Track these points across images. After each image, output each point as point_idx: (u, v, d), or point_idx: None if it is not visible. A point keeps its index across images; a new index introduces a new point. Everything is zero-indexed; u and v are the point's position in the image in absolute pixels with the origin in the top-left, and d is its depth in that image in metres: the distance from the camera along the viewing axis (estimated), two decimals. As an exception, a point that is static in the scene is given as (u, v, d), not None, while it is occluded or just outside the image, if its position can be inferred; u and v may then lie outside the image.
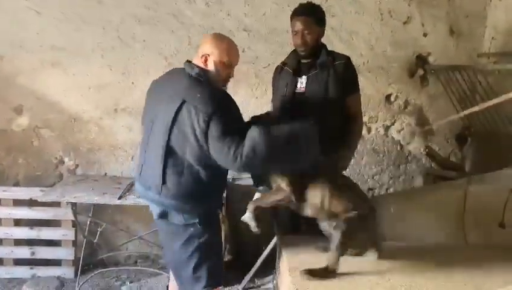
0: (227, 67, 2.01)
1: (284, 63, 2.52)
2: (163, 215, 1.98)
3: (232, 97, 1.98)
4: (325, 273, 1.82)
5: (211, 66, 1.97)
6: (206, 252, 1.99)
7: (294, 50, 2.48)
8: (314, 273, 1.81)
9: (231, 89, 3.25)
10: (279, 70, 2.55)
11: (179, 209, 1.93)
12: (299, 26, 2.34)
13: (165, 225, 2.02)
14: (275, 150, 1.81)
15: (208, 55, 1.96)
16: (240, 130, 1.82)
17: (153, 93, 2.06)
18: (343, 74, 2.36)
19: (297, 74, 2.44)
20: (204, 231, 1.97)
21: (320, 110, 2.34)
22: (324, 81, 2.35)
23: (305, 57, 2.41)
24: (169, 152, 1.87)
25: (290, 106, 2.42)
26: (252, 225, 2.04)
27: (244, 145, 1.77)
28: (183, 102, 1.83)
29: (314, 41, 2.37)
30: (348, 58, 2.44)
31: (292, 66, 2.44)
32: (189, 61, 2.01)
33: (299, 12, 2.36)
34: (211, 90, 1.89)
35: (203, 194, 1.94)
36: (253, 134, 1.79)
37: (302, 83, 2.42)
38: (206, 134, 1.79)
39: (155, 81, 2.10)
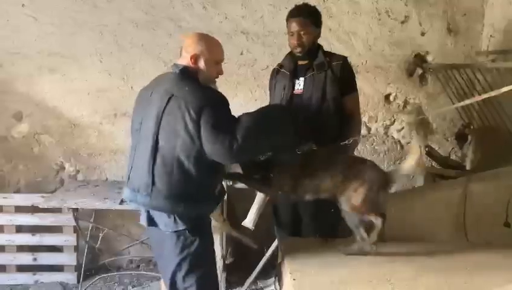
0: (217, 64, 2.00)
1: (280, 66, 2.52)
2: (152, 221, 1.91)
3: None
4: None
5: (201, 65, 1.93)
6: (197, 262, 1.92)
7: (290, 52, 2.49)
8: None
9: (231, 91, 3.34)
10: (275, 73, 2.56)
11: (170, 211, 1.85)
12: (295, 27, 2.34)
13: (155, 232, 1.96)
14: (263, 130, 1.87)
15: (198, 54, 1.92)
16: (231, 122, 1.83)
17: (140, 100, 2.01)
18: (341, 75, 2.37)
19: (294, 75, 2.44)
20: (195, 240, 1.89)
21: (318, 111, 2.36)
22: (322, 82, 2.35)
23: (301, 58, 2.42)
24: (158, 151, 1.82)
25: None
26: (252, 229, 2.05)
27: (237, 134, 1.78)
28: (171, 96, 1.81)
29: (311, 42, 2.38)
30: (345, 59, 2.44)
31: (289, 68, 2.45)
32: (175, 64, 1.97)
33: (295, 14, 2.37)
34: (198, 84, 1.88)
35: (195, 194, 1.87)
36: (242, 121, 1.83)
37: (299, 84, 2.42)
38: (198, 125, 1.76)
39: (143, 89, 2.05)
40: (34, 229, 3.23)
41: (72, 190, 3.04)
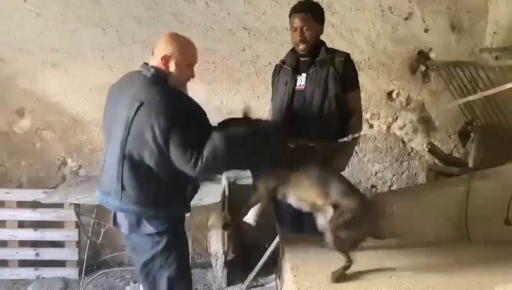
0: (189, 68, 1.94)
1: (282, 62, 2.52)
2: (122, 225, 1.90)
3: (190, 96, 1.92)
4: (343, 272, 1.76)
5: (172, 68, 1.86)
6: (167, 261, 1.90)
7: (292, 48, 2.49)
8: (338, 278, 1.74)
9: (233, 88, 3.34)
10: (278, 69, 2.55)
11: (141, 215, 1.84)
12: (297, 23, 2.34)
13: (127, 235, 1.94)
14: (233, 152, 1.78)
15: (169, 56, 1.85)
16: (201, 135, 1.76)
17: (110, 98, 1.96)
18: (343, 71, 2.36)
19: (296, 71, 2.44)
20: (163, 240, 1.87)
21: (320, 107, 2.35)
22: (324, 79, 2.35)
23: (304, 54, 2.41)
24: (126, 157, 1.78)
25: (290, 104, 2.42)
26: (254, 225, 2.05)
27: (205, 150, 1.72)
28: (141, 104, 1.75)
29: (313, 38, 2.37)
30: (347, 55, 2.44)
31: (291, 64, 2.45)
32: (146, 64, 1.91)
33: (298, 9, 2.37)
34: (169, 92, 1.82)
35: (166, 197, 1.86)
36: (213, 138, 1.75)
37: (301, 80, 2.42)
38: (167, 139, 1.72)
39: (113, 86, 2.00)
40: (36, 225, 3.23)
41: (74, 185, 3.04)
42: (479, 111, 3.42)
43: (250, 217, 2.51)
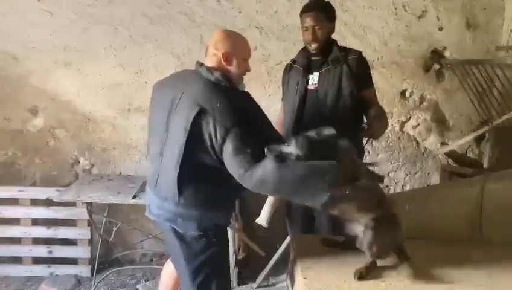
0: (245, 62, 1.95)
1: (293, 61, 2.50)
2: (174, 226, 1.91)
3: (252, 97, 1.93)
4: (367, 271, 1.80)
5: (233, 65, 1.89)
6: (215, 267, 1.94)
7: (304, 47, 2.47)
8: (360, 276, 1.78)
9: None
10: (288, 68, 2.54)
11: (194, 218, 1.86)
12: (309, 22, 2.32)
13: (171, 235, 1.93)
14: (284, 186, 1.68)
15: (229, 53, 1.87)
16: (254, 151, 1.71)
17: (162, 95, 1.93)
18: (357, 69, 2.34)
19: (308, 71, 2.42)
20: (213, 245, 1.90)
21: (334, 106, 2.33)
22: (337, 77, 2.33)
23: (315, 54, 2.39)
24: (185, 160, 1.77)
25: (303, 104, 2.40)
26: (266, 226, 2.04)
27: (255, 172, 1.67)
28: (202, 111, 1.73)
29: (325, 37, 2.35)
30: (360, 53, 2.41)
31: (302, 64, 2.43)
32: (200, 63, 1.91)
33: (310, 8, 2.35)
34: (231, 98, 1.80)
35: (221, 202, 1.89)
36: (268, 167, 1.66)
37: (313, 79, 2.40)
38: (221, 147, 1.72)
39: (162, 83, 2.00)
40: (49, 222, 3.26)
41: (86, 183, 3.06)
42: (495, 111, 3.36)
43: (262, 219, 2.50)
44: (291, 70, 2.50)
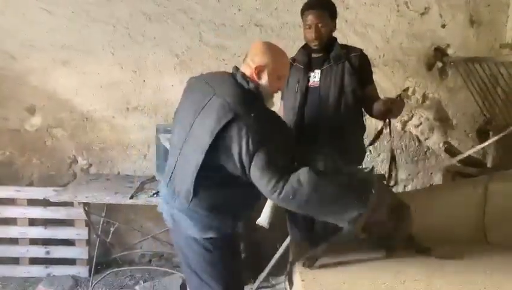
0: (280, 80, 1.89)
1: (293, 60, 2.45)
2: (177, 223, 1.88)
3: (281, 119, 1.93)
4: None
5: (264, 79, 1.82)
6: (227, 270, 1.90)
7: (304, 45, 2.43)
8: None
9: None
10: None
11: (206, 223, 1.81)
12: (312, 19, 2.28)
13: (183, 238, 1.90)
14: (317, 201, 1.68)
15: (263, 67, 1.81)
16: (285, 164, 1.71)
17: (193, 91, 1.89)
18: (359, 66, 2.31)
19: (308, 68, 2.37)
20: (220, 251, 1.86)
21: (336, 103, 2.29)
22: (339, 74, 2.29)
23: (317, 51, 2.35)
24: (207, 164, 1.72)
25: (304, 101, 2.36)
26: (267, 227, 2.00)
27: (288, 183, 1.65)
28: (234, 117, 1.67)
29: (328, 34, 2.32)
30: (361, 51, 2.38)
31: (303, 61, 2.38)
32: (237, 68, 1.87)
33: (312, 6, 2.30)
34: (265, 111, 1.78)
35: (235, 210, 1.85)
36: (304, 177, 1.66)
37: (315, 77, 2.36)
38: (251, 157, 1.66)
39: (196, 80, 1.93)
40: (46, 223, 3.23)
41: (84, 183, 3.03)
42: (498, 109, 3.31)
43: (263, 220, 2.44)
44: (291, 68, 2.45)
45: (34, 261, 3.25)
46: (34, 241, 3.25)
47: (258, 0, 3.24)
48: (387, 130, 2.30)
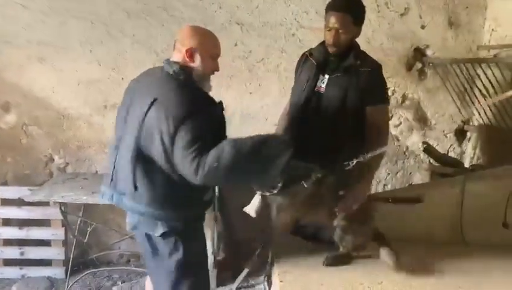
0: (213, 60, 1.87)
1: (310, 53, 2.29)
2: (136, 226, 1.85)
3: (214, 99, 1.86)
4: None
5: (198, 60, 1.81)
6: (187, 269, 1.85)
7: (323, 41, 2.24)
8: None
9: (224, 84, 3.25)
10: (304, 58, 2.33)
11: (155, 217, 1.78)
12: (334, 23, 2.07)
13: (141, 237, 1.87)
14: (240, 159, 1.66)
15: (194, 48, 1.79)
16: (209, 141, 1.68)
17: (127, 92, 1.90)
18: (366, 83, 2.13)
19: (320, 69, 2.22)
20: (183, 245, 1.82)
21: (336, 115, 2.16)
22: (344, 87, 2.14)
23: (333, 54, 2.18)
24: (139, 155, 1.71)
25: (306, 104, 2.23)
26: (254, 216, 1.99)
27: (209, 155, 1.64)
28: (155, 100, 1.68)
29: (348, 41, 2.13)
30: (377, 67, 2.21)
31: (318, 59, 2.22)
32: (168, 60, 1.85)
33: (337, 7, 2.10)
34: (187, 90, 1.75)
35: (179, 199, 1.80)
36: (222, 144, 1.67)
37: (323, 82, 2.20)
38: (173, 139, 1.64)
39: (133, 81, 1.94)
40: (21, 223, 3.16)
41: (61, 183, 2.97)
42: (476, 110, 3.36)
43: (251, 208, 2.40)
44: (306, 62, 2.30)
45: (8, 262, 3.18)
46: (8, 242, 3.17)
47: (239, -2, 3.22)
48: None
